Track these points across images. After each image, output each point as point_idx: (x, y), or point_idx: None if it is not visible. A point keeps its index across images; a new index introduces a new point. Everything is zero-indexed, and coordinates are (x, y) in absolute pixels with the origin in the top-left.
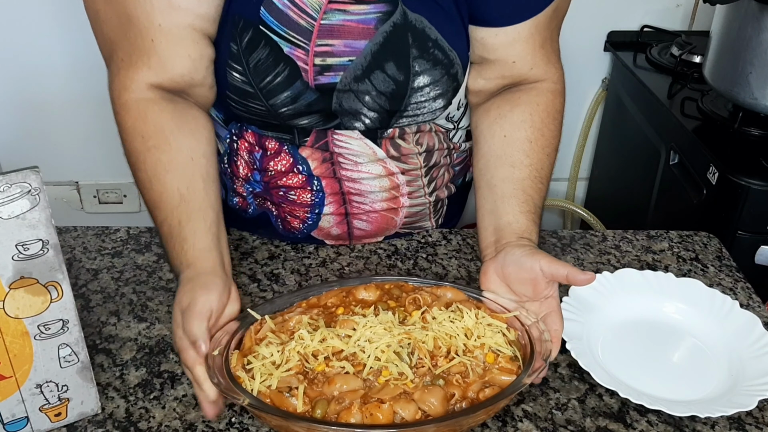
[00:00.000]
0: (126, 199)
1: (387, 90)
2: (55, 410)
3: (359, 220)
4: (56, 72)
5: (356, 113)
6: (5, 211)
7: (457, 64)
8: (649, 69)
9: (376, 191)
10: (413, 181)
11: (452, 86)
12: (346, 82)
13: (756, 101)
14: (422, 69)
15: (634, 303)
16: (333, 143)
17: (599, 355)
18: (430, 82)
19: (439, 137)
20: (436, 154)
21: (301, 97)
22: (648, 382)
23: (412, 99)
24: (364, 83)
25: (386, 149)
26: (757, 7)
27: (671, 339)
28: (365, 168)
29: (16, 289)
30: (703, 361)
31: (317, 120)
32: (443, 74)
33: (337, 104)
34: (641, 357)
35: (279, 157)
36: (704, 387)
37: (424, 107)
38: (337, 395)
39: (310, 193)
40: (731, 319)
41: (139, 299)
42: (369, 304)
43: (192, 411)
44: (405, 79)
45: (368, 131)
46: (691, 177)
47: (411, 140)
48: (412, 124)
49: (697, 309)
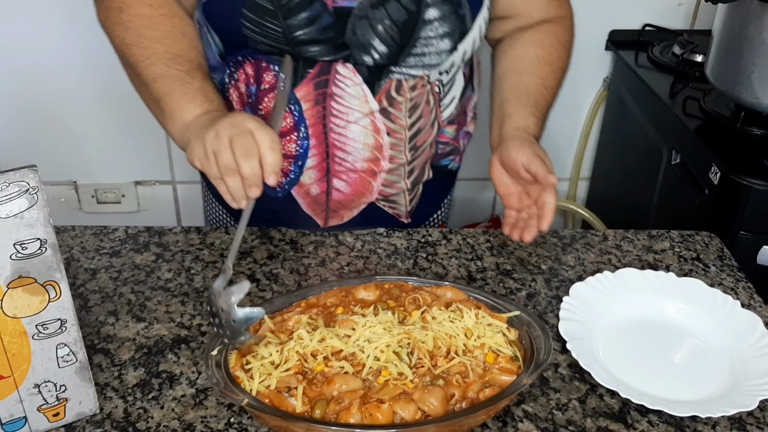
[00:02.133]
0: (124, 198)
1: (399, 19)
2: (53, 410)
3: (339, 179)
4: (55, 72)
5: (367, 45)
6: (3, 210)
7: (465, 6)
8: (650, 68)
9: (359, 148)
10: (396, 145)
11: (459, 28)
12: (363, 8)
13: (758, 101)
14: (433, 2)
15: (635, 303)
16: (333, 80)
17: (600, 355)
18: (439, 16)
19: (430, 101)
20: (422, 120)
21: (318, 19)
22: (649, 382)
23: (421, 32)
24: (379, 10)
25: (379, 100)
26: (759, 6)
27: (672, 339)
28: (353, 118)
29: (14, 289)
30: (704, 361)
31: (327, 49)
32: (451, 12)
33: (351, 31)
34: (642, 357)
35: (273, 93)
36: (705, 387)
37: (432, 45)
38: (336, 395)
39: (296, 142)
40: (732, 319)
41: (138, 299)
42: (368, 303)
43: (191, 411)
44: (416, 9)
45: (371, 73)
46: (693, 177)
47: (406, 96)
48: (417, 66)
49: (698, 309)
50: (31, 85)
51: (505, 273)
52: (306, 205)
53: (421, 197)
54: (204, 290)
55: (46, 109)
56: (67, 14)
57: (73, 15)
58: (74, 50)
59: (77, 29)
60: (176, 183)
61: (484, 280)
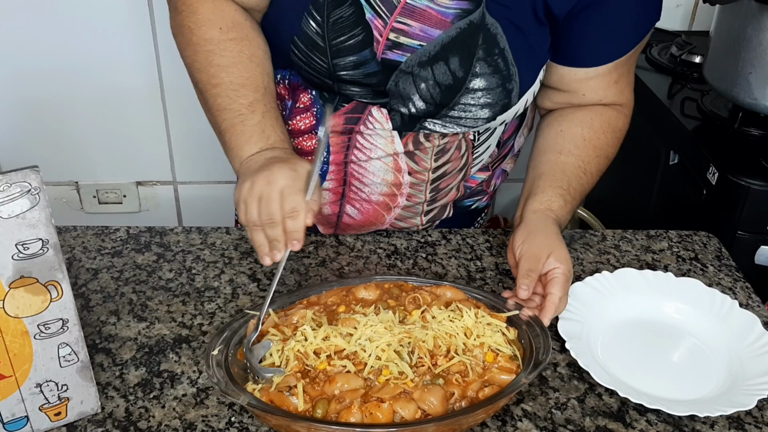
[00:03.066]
0: (126, 199)
1: (444, 82)
2: (55, 409)
3: (352, 206)
4: (57, 73)
5: (407, 98)
6: (5, 210)
7: (515, 81)
8: (648, 69)
9: (378, 182)
10: (417, 185)
11: (503, 102)
12: (411, 64)
13: (756, 101)
14: (482, 72)
15: (634, 302)
16: (365, 120)
17: (598, 355)
18: (484, 86)
19: (462, 147)
20: (450, 165)
21: (364, 65)
22: (647, 382)
23: (462, 99)
24: (426, 70)
25: (406, 143)
26: (757, 7)
27: (671, 338)
28: (376, 155)
29: (16, 289)
30: (702, 361)
31: (367, 93)
32: (499, 84)
33: (393, 83)
34: (641, 356)
35: (305, 114)
36: (704, 386)
37: (470, 112)
38: (338, 394)
39: None
40: (731, 318)
41: (139, 299)
42: (369, 303)
43: (192, 410)
44: (464, 76)
45: (404, 123)
46: (691, 177)
47: (434, 143)
48: (451, 124)
49: (696, 308)
50: (33, 86)
51: (504, 273)
52: (317, 221)
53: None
54: (205, 290)
55: (47, 110)
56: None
57: (74, 16)
58: (75, 51)
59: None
60: (177, 183)
61: (484, 280)
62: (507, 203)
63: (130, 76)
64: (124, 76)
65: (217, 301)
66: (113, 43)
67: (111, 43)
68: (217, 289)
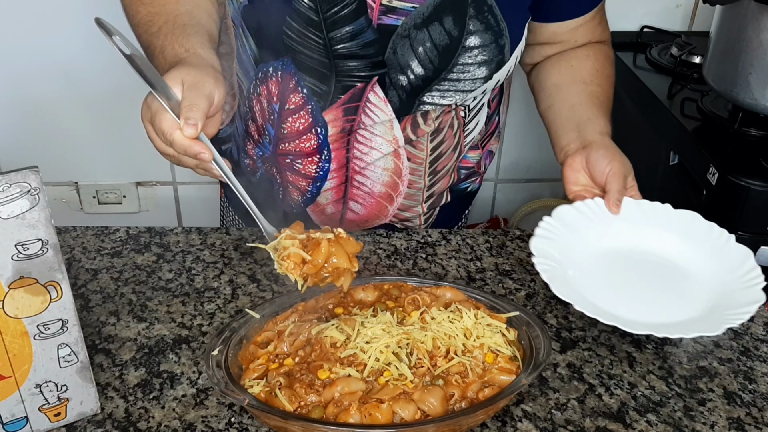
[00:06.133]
0: (125, 199)
1: (441, 43)
2: (55, 410)
3: (355, 202)
4: (56, 72)
5: (406, 65)
6: (5, 210)
7: (506, 37)
8: (648, 69)
9: (379, 173)
10: (416, 170)
11: (498, 59)
12: (406, 27)
13: (756, 102)
14: (475, 29)
15: (625, 231)
16: (363, 108)
17: (568, 275)
18: (479, 44)
19: (454, 125)
20: (445, 145)
21: (361, 35)
22: (622, 307)
23: (460, 59)
24: (422, 32)
25: (404, 127)
26: (757, 8)
27: (659, 269)
28: (377, 146)
29: (16, 289)
30: (688, 292)
31: (365, 66)
32: (492, 40)
33: (392, 50)
34: (618, 282)
35: (298, 115)
36: (679, 313)
37: (468, 72)
38: (337, 397)
39: (317, 164)
40: (725, 251)
41: (139, 299)
42: (367, 305)
43: (191, 411)
44: (459, 35)
45: (402, 104)
46: (691, 177)
47: (431, 124)
48: (450, 91)
49: (690, 240)
50: (33, 86)
51: (504, 273)
52: (320, 221)
53: (437, 218)
54: (204, 291)
55: (47, 110)
56: (68, 15)
57: (74, 16)
58: (75, 51)
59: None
60: (177, 184)
61: (483, 281)
62: (507, 203)
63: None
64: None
65: (217, 302)
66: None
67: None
68: (217, 290)
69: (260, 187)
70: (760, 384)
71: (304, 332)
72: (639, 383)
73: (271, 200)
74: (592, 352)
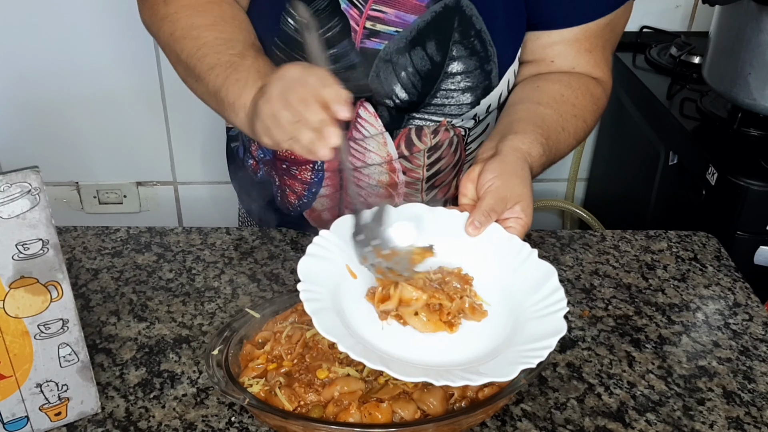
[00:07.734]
0: (126, 199)
1: (423, 68)
2: (55, 410)
3: (350, 210)
4: (56, 72)
5: (389, 90)
6: (5, 210)
7: (493, 62)
8: (648, 70)
9: (373, 185)
10: (412, 184)
11: (483, 84)
12: (389, 51)
13: (755, 102)
14: (458, 55)
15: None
16: (354, 124)
17: (346, 314)
18: (462, 70)
19: (453, 143)
20: (443, 162)
21: (345, 57)
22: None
23: (443, 84)
24: (404, 56)
25: (398, 144)
26: (756, 8)
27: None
28: (370, 160)
29: (17, 289)
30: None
31: (351, 87)
32: (477, 66)
33: (375, 74)
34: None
35: None
36: (477, 348)
37: (452, 98)
38: (337, 396)
39: (311, 171)
40: (525, 269)
41: (139, 299)
42: None
43: (192, 410)
44: (441, 60)
45: (392, 119)
46: (691, 177)
47: (427, 142)
48: (437, 114)
49: (489, 257)
50: (34, 86)
51: None
52: (316, 224)
53: None
54: (205, 290)
55: (48, 110)
56: (69, 16)
57: (75, 16)
58: (76, 51)
59: (79, 30)
60: (177, 184)
61: None
62: None
63: (130, 76)
64: (124, 76)
65: (217, 301)
66: (113, 43)
67: (111, 43)
68: (217, 290)
69: (261, 186)
70: (760, 383)
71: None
72: (638, 383)
73: (270, 204)
74: (592, 351)
